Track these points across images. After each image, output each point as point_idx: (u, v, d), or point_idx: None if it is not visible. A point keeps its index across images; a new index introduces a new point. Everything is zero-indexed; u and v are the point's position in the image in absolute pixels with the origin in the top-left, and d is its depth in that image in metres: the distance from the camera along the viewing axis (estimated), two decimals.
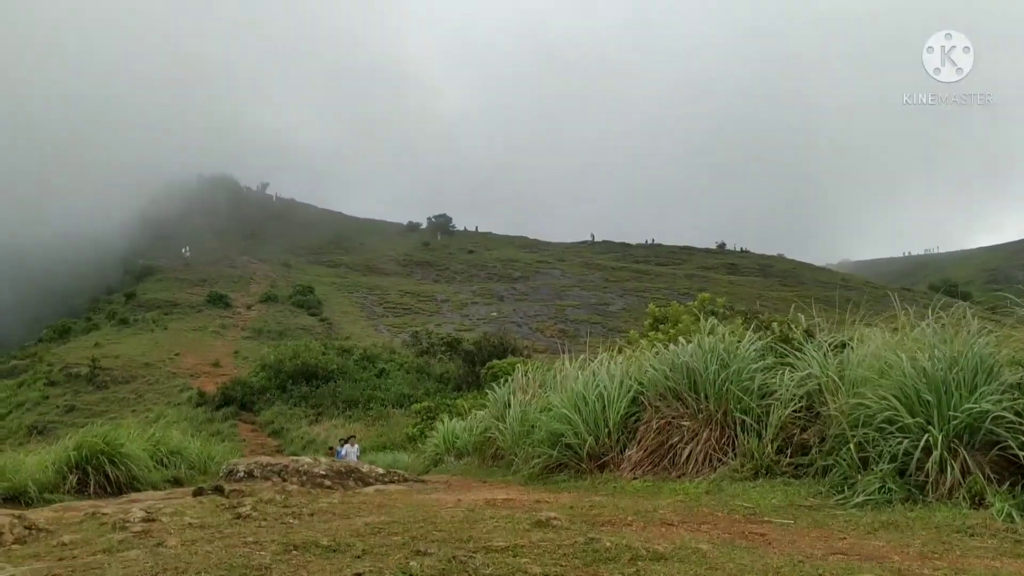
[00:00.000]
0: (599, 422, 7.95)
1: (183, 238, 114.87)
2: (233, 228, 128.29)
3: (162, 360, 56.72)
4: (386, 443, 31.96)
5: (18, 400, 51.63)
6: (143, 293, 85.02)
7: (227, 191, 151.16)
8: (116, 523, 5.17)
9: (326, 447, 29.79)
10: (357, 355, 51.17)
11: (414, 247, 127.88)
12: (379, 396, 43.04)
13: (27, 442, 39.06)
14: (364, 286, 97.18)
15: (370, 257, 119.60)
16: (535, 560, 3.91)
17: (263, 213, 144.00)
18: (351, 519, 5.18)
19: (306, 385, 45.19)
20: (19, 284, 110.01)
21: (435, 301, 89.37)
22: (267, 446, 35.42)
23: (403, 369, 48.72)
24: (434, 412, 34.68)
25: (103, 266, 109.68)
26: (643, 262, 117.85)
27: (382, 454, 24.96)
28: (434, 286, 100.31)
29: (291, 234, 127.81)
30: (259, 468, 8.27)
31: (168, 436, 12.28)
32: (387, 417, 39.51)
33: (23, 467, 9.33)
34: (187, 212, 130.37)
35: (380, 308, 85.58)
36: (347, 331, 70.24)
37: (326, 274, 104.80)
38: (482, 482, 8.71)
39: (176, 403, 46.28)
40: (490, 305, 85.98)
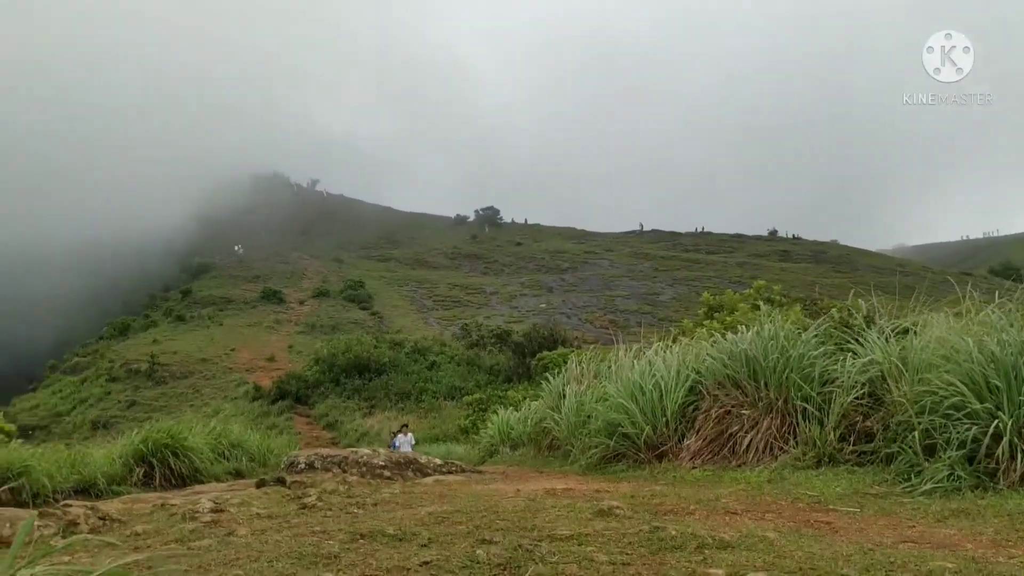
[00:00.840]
0: (656, 411, 7.90)
1: (236, 235, 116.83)
2: (285, 225, 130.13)
3: (218, 355, 57.77)
4: (438, 435, 32.17)
5: (81, 396, 53.10)
6: (199, 290, 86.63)
7: (279, 188, 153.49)
8: (186, 514, 5.29)
9: (380, 439, 30.09)
10: (408, 348, 51.58)
11: (462, 240, 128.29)
12: (430, 388, 43.34)
13: (91, 437, 40.25)
14: (414, 280, 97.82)
15: (419, 251, 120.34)
16: (600, 548, 3.91)
17: (314, 209, 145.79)
18: (414, 509, 5.23)
19: (359, 378, 45.68)
20: (83, 282, 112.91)
21: (484, 293, 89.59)
22: (322, 439, 35.89)
23: (454, 361, 48.95)
24: (485, 404, 34.85)
25: (160, 264, 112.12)
26: (693, 251, 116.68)
27: (435, 445, 25.13)
28: (483, 278, 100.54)
29: (341, 230, 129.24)
30: (319, 460, 8.39)
31: (228, 430, 12.52)
32: (439, 409, 39.79)
33: (92, 461, 9.59)
34: (240, 210, 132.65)
35: (430, 301, 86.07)
36: (398, 324, 70.77)
37: (376, 268, 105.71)
38: (539, 472, 8.73)
39: (233, 397, 47.16)
40: (539, 296, 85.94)
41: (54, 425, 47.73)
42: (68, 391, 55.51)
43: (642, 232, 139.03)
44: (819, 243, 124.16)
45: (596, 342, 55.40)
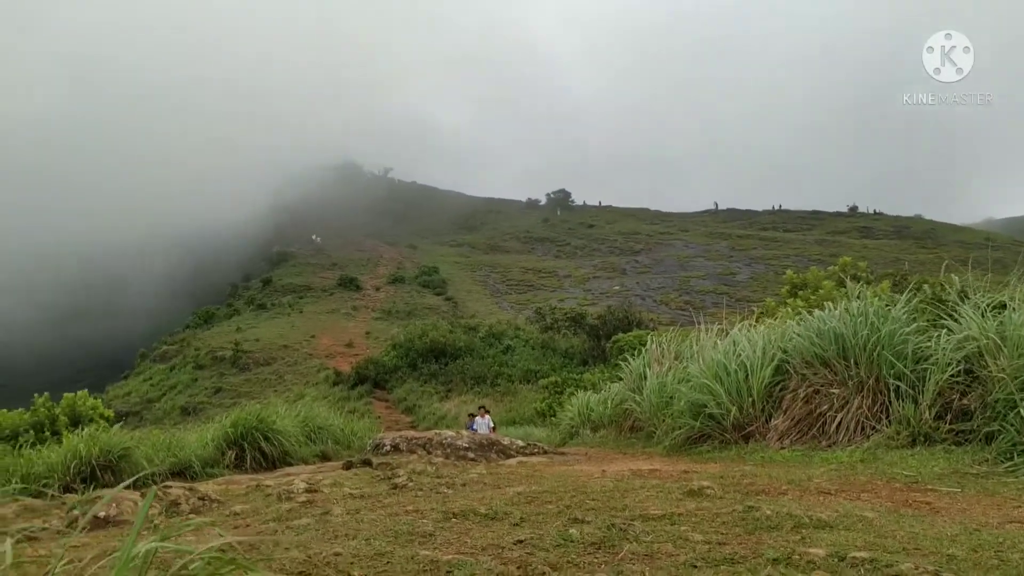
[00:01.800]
0: (742, 391, 7.78)
1: (313, 224, 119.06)
2: (360, 213, 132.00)
3: (299, 342, 59.09)
4: (515, 418, 32.33)
5: (170, 383, 54.98)
6: (279, 279, 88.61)
7: (353, 177, 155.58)
8: (280, 494, 5.43)
9: (457, 422, 30.37)
10: (483, 332, 51.89)
11: (534, 224, 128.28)
12: (506, 372, 43.54)
13: (180, 422, 41.61)
14: (487, 264, 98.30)
15: (492, 236, 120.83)
16: (694, 528, 3.87)
17: (388, 197, 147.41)
18: (502, 489, 5.27)
19: (435, 363, 46.19)
20: (170, 273, 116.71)
21: (557, 277, 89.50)
22: (401, 422, 36.43)
23: (528, 345, 49.06)
24: (561, 387, 34.84)
25: (242, 254, 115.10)
26: (770, 229, 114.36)
27: (512, 428, 25.28)
28: (555, 262, 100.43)
29: (415, 216, 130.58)
30: (404, 441, 8.52)
31: (314, 414, 12.81)
32: (514, 392, 39.97)
33: (187, 444, 9.92)
34: (316, 199, 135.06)
35: (503, 286, 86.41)
36: (472, 309, 71.26)
37: (450, 254, 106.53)
38: (622, 453, 8.69)
39: (314, 383, 48.19)
40: (612, 279, 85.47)
41: (145, 411, 49.54)
42: (158, 378, 57.55)
43: (717, 211, 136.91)
44: (902, 218, 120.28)
45: (672, 323, 54.84)
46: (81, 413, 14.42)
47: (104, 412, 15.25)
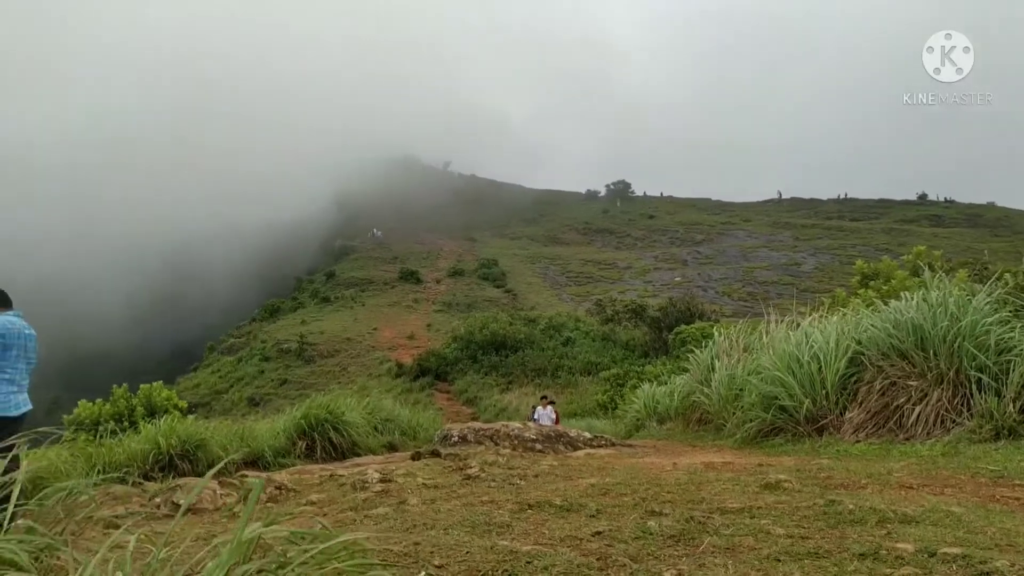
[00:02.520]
0: (815, 384, 7.63)
1: (374, 218, 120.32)
2: (419, 206, 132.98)
3: (362, 335, 59.84)
4: (576, 410, 32.28)
5: (238, 375, 56.19)
6: (341, 272, 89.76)
7: (412, 170, 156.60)
8: (355, 484, 5.51)
9: (519, 414, 30.39)
10: (543, 324, 51.86)
11: (594, 215, 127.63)
12: (566, 364, 43.46)
13: (248, 413, 42.50)
14: (546, 256, 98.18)
15: (551, 227, 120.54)
16: (775, 521, 3.81)
17: (447, 190, 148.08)
18: (574, 481, 5.26)
19: (496, 355, 46.32)
20: (237, 267, 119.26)
21: (617, 268, 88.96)
22: (462, 414, 36.66)
23: (589, 337, 48.87)
24: (623, 379, 34.67)
25: (306, 248, 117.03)
26: (835, 218, 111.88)
27: (574, 420, 25.23)
28: (615, 253, 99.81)
29: (474, 209, 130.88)
30: (472, 433, 8.56)
31: (381, 405, 12.97)
32: (575, 384, 39.90)
33: (259, 435, 10.13)
34: (376, 193, 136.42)
35: (563, 277, 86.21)
36: (532, 301, 71.26)
37: (509, 246, 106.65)
38: (691, 446, 8.61)
39: (376, 375, 48.77)
40: (674, 270, 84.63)
41: (214, 402, 50.69)
42: (225, 370, 58.87)
43: (781, 200, 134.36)
44: (974, 206, 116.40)
45: (735, 315, 54.10)
46: (156, 404, 14.86)
47: (178, 403, 15.68)
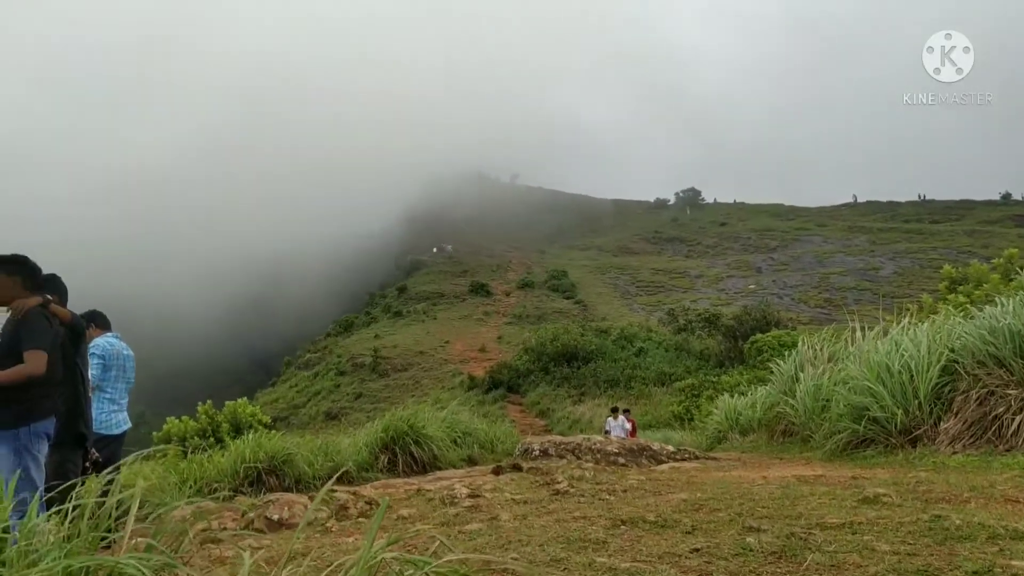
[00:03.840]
0: (907, 394, 7.41)
1: (444, 232, 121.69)
2: (489, 219, 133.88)
3: (434, 348, 60.44)
4: (651, 421, 31.96)
5: (314, 389, 57.32)
6: (413, 286, 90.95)
7: (481, 184, 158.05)
8: (444, 499, 5.55)
9: (592, 426, 30.19)
10: (615, 335, 51.62)
11: (663, 224, 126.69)
12: (639, 375, 43.11)
13: (324, 427, 43.26)
14: (616, 266, 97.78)
15: (620, 237, 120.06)
16: (879, 537, 3.70)
17: (516, 202, 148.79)
18: (664, 495, 5.21)
19: (567, 366, 46.25)
20: (313, 284, 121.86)
21: (688, 277, 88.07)
22: (535, 426, 36.62)
23: (661, 347, 48.43)
24: (698, 389, 34.22)
25: (377, 263, 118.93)
26: (914, 221, 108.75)
27: (649, 432, 24.97)
28: (686, 262, 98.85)
29: (543, 221, 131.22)
30: (553, 447, 8.55)
31: (459, 418, 13.04)
32: (649, 395, 39.53)
33: (342, 449, 10.29)
34: (446, 207, 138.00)
35: (633, 287, 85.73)
36: (602, 312, 71.01)
37: (578, 257, 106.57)
38: (778, 459, 8.43)
39: (449, 387, 49.14)
40: (747, 278, 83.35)
41: (292, 416, 51.77)
42: (303, 385, 60.14)
43: (856, 204, 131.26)
44: None
45: (811, 322, 52.92)
46: (242, 420, 15.24)
47: (262, 418, 16.07)
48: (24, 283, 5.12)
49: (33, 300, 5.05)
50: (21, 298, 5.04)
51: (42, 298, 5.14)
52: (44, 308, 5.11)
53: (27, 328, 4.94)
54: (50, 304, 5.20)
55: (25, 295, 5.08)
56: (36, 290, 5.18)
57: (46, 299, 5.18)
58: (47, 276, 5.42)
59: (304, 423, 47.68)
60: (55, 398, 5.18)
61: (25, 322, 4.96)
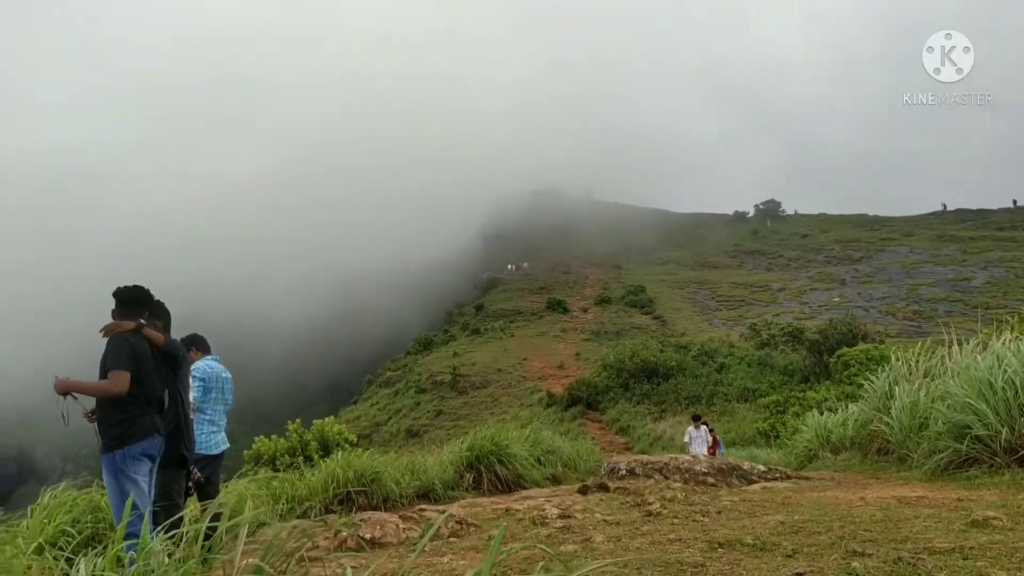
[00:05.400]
0: (1012, 411, 7.10)
1: (520, 249, 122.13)
2: (564, 235, 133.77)
3: (512, 365, 60.45)
4: (735, 438, 31.35)
5: (395, 407, 57.93)
6: (490, 304, 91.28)
7: (557, 200, 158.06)
8: (534, 519, 5.55)
9: (673, 444, 29.69)
10: (695, 350, 50.84)
11: (743, 237, 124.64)
12: (721, 391, 42.35)
13: (406, 444, 43.67)
14: (695, 281, 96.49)
15: (698, 251, 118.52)
16: (992, 563, 3.56)
17: (591, 218, 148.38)
18: (760, 517, 5.10)
19: (647, 383, 45.72)
20: (392, 302, 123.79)
21: (770, 291, 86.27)
22: (615, 444, 36.27)
23: (744, 363, 47.49)
24: (783, 406, 33.39)
25: (455, 281, 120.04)
26: (1007, 228, 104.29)
27: (734, 449, 24.51)
28: (767, 275, 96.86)
29: (619, 236, 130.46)
30: (640, 466, 8.47)
31: (542, 436, 13.03)
32: (732, 412, 38.78)
33: (428, 467, 10.38)
34: (522, 224, 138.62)
35: (713, 302, 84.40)
36: (681, 327, 70.04)
37: (656, 272, 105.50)
38: (874, 478, 8.17)
39: (528, 404, 49.06)
40: (831, 290, 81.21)
41: (374, 434, 52.38)
42: (384, 403, 60.85)
43: (945, 212, 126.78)
44: None
45: (900, 335, 51.28)
46: (329, 438, 15.51)
47: (348, 437, 16.32)
48: (118, 311, 5.48)
49: (126, 325, 5.39)
50: (115, 324, 5.40)
51: (136, 323, 5.44)
52: (136, 333, 5.41)
53: (110, 350, 5.32)
54: (143, 329, 5.48)
55: (122, 321, 5.43)
56: (131, 317, 5.50)
57: (140, 324, 5.46)
58: (154, 303, 5.70)
59: (386, 440, 48.19)
60: (150, 418, 5.42)
61: (109, 345, 5.35)
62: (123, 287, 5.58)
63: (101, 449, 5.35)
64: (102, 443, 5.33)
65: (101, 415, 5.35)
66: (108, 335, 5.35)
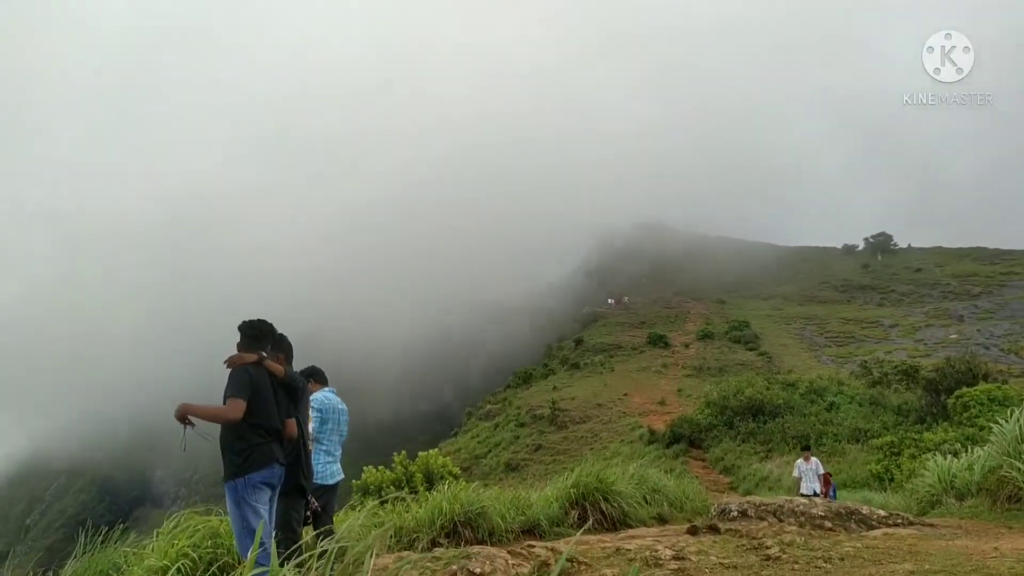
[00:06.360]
0: None
1: (620, 283, 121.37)
2: (665, 269, 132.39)
3: (612, 400, 59.84)
4: (846, 480, 30.21)
5: (495, 440, 58.04)
6: (590, 338, 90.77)
7: (658, 233, 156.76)
8: (647, 559, 5.47)
9: (780, 485, 28.74)
10: (803, 388, 49.29)
11: (852, 271, 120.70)
12: (831, 431, 40.83)
13: (505, 478, 43.66)
14: (801, 316, 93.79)
15: (805, 285, 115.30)
16: None
17: (693, 252, 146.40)
18: (886, 565, 4.88)
19: (752, 421, 44.54)
20: (496, 334, 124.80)
21: (882, 327, 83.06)
22: (719, 483, 35.41)
23: (855, 401, 45.72)
24: (898, 447, 31.97)
25: (556, 316, 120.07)
26: None
27: (845, 492, 23.66)
28: (879, 310, 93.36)
29: (722, 270, 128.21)
30: (752, 508, 8.24)
31: (647, 474, 12.84)
32: (843, 453, 37.35)
33: (533, 502, 10.35)
34: (622, 258, 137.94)
35: (821, 338, 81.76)
36: (788, 364, 68.07)
37: (761, 307, 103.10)
38: (1006, 528, 7.70)
39: (628, 441, 48.41)
40: (948, 327, 77.58)
41: (474, 467, 52.53)
42: (483, 436, 61.05)
43: None
44: None
45: None
46: (433, 470, 15.68)
47: (453, 470, 16.47)
48: (242, 343, 5.76)
49: (249, 357, 5.65)
50: (238, 355, 5.68)
51: (258, 356, 5.68)
52: (257, 365, 5.65)
53: (230, 379, 5.60)
54: (264, 361, 5.72)
55: (245, 353, 5.71)
56: (254, 350, 5.76)
57: (261, 356, 5.70)
58: (277, 336, 5.95)
59: (485, 474, 48.28)
60: (270, 447, 5.61)
61: (231, 374, 5.64)
62: (247, 321, 5.84)
63: (224, 477, 5.56)
64: (224, 471, 5.55)
65: (224, 444, 5.58)
66: (231, 366, 5.61)
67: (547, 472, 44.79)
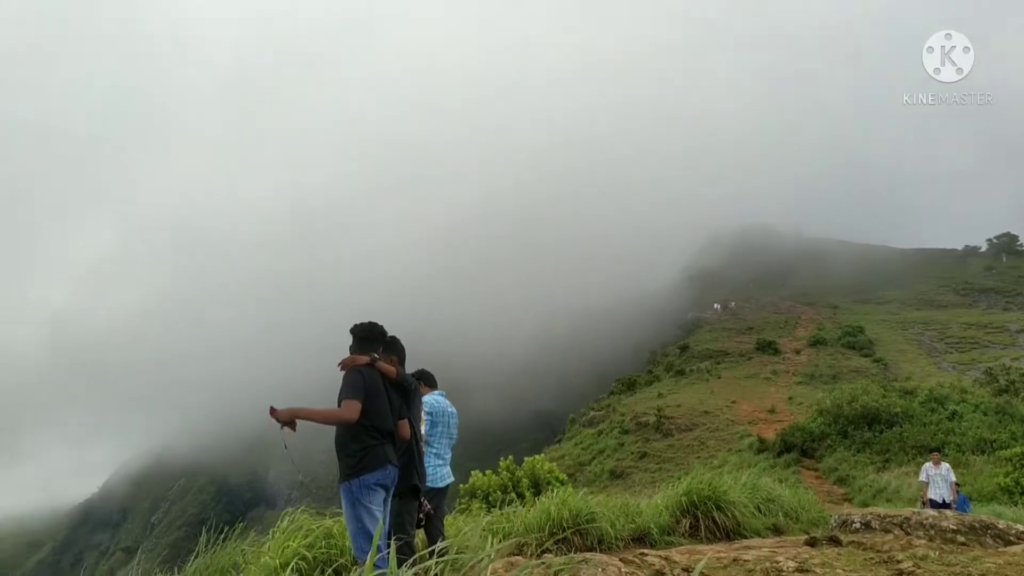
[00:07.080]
0: None
1: (726, 288, 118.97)
2: (774, 274, 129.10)
3: (719, 408, 58.63)
4: (971, 493, 28.71)
5: (599, 447, 57.66)
6: (695, 344, 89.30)
7: (765, 238, 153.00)
8: (767, 570, 5.25)
9: (899, 497, 27.58)
10: (922, 396, 47.16)
11: (974, 274, 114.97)
12: (953, 441, 38.89)
13: (610, 485, 43.27)
14: (919, 321, 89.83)
15: (922, 290, 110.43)
16: None
17: (802, 255, 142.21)
18: None
19: (868, 430, 42.89)
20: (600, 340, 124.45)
21: (1007, 332, 78.74)
22: (833, 494, 34.27)
23: (979, 410, 43.45)
24: None
25: (658, 322, 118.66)
26: None
27: (972, 505, 22.41)
28: (1004, 315, 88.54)
29: (834, 274, 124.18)
30: (876, 519, 7.85)
31: (760, 483, 12.46)
32: (967, 464, 35.52)
33: (643, 510, 10.17)
34: (728, 263, 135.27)
35: (941, 344, 78.12)
36: (905, 371, 65.29)
37: (875, 312, 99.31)
38: None
39: (737, 450, 47.35)
40: None
41: (578, 474, 52.29)
42: (587, 442, 60.74)
43: None
44: None
45: None
46: (539, 475, 15.65)
47: (559, 476, 16.41)
48: (354, 346, 5.83)
49: (361, 359, 5.72)
50: (351, 358, 5.75)
51: (370, 358, 5.75)
52: (370, 367, 5.72)
53: (345, 382, 5.66)
54: (377, 363, 5.78)
55: (357, 356, 5.78)
56: (366, 352, 5.83)
57: (373, 358, 5.77)
58: (389, 339, 6.01)
59: (590, 480, 48.01)
60: (383, 448, 5.65)
61: (344, 377, 5.70)
62: (359, 324, 5.93)
63: (339, 479, 5.64)
64: (340, 473, 5.63)
65: (339, 446, 5.66)
66: (345, 368, 5.69)
67: (653, 480, 44.17)
